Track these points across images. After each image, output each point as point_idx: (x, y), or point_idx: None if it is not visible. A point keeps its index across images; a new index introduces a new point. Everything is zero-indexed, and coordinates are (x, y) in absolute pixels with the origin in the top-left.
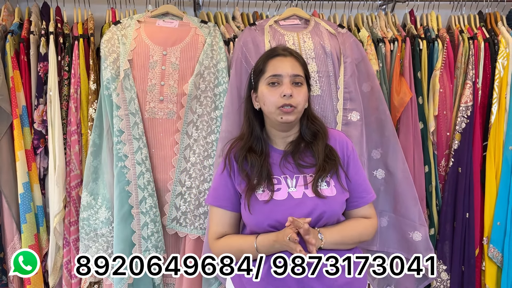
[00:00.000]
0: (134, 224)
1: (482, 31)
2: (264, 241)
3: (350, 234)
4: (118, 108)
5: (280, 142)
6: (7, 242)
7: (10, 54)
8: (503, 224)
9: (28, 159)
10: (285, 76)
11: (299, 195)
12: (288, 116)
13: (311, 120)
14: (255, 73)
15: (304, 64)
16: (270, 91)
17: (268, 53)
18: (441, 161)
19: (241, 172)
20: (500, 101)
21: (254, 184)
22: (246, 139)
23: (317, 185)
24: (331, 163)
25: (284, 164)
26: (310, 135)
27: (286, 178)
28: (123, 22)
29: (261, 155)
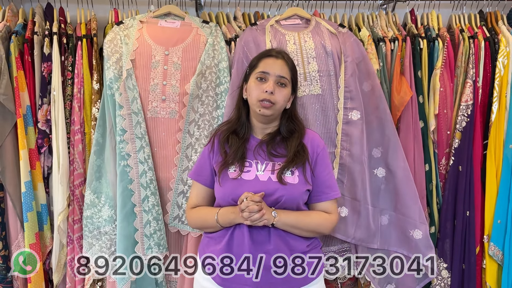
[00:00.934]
0: (136, 222)
1: (482, 30)
2: (224, 213)
3: (305, 221)
4: (121, 107)
5: (259, 132)
6: (11, 240)
7: (14, 55)
8: (503, 222)
9: (32, 158)
10: (271, 74)
11: (265, 178)
12: (265, 110)
13: (291, 119)
14: (250, 66)
15: (293, 69)
16: (256, 85)
17: (264, 52)
18: (441, 160)
19: (221, 149)
20: (500, 100)
21: (228, 161)
22: (233, 123)
23: (282, 172)
24: (300, 158)
25: (257, 151)
26: (287, 131)
27: (257, 163)
28: (125, 22)
29: (241, 138)
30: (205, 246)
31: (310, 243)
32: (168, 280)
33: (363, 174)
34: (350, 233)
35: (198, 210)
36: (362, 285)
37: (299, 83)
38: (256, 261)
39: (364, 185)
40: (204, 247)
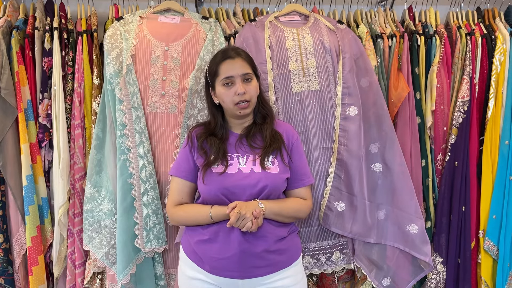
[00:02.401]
0: (136, 216)
1: (479, 27)
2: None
3: (287, 208)
4: (121, 102)
5: (237, 127)
6: (12, 233)
7: (15, 50)
8: (498, 217)
9: (33, 152)
10: (236, 76)
11: (247, 170)
12: (245, 110)
13: (262, 105)
14: (210, 74)
15: (251, 62)
16: (226, 91)
17: (219, 57)
18: (438, 155)
19: (200, 149)
20: (496, 97)
21: (211, 161)
22: (212, 127)
23: (263, 161)
24: (276, 143)
25: (238, 145)
26: (261, 118)
27: (238, 156)
28: (125, 18)
29: (220, 138)
30: (189, 238)
31: (289, 229)
32: (167, 273)
33: (360, 169)
34: (347, 227)
35: (186, 208)
36: (358, 278)
37: (298, 79)
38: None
39: (361, 180)
40: (188, 239)
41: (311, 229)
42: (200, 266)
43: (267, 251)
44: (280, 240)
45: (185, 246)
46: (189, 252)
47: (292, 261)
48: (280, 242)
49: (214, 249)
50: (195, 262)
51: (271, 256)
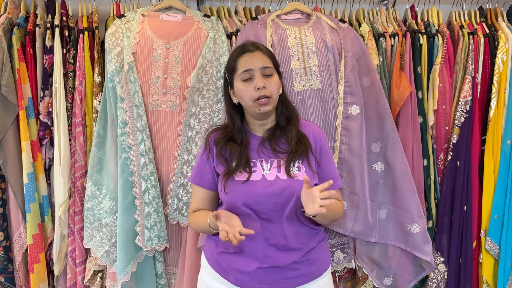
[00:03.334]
0: (137, 214)
1: (482, 27)
2: (213, 222)
3: (334, 209)
4: (122, 100)
5: (259, 129)
6: (13, 231)
7: (16, 47)
8: (500, 217)
9: (34, 149)
10: (255, 70)
11: (272, 177)
12: (265, 107)
13: (285, 105)
14: (228, 71)
15: (272, 56)
16: (245, 86)
17: (238, 51)
18: (440, 155)
19: (219, 156)
20: (499, 96)
21: (233, 168)
22: (229, 131)
23: (289, 167)
24: (302, 147)
25: (261, 149)
26: (285, 120)
27: (262, 162)
28: (127, 15)
29: (241, 144)
30: (213, 248)
31: (318, 237)
32: (168, 271)
33: (362, 168)
34: (348, 226)
35: (196, 215)
36: (359, 278)
37: (300, 78)
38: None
39: (362, 180)
40: (211, 248)
41: None
42: (224, 277)
43: (295, 262)
44: (310, 251)
45: (207, 254)
46: (212, 261)
47: (321, 271)
48: (310, 252)
49: (240, 261)
50: (218, 273)
51: (300, 268)
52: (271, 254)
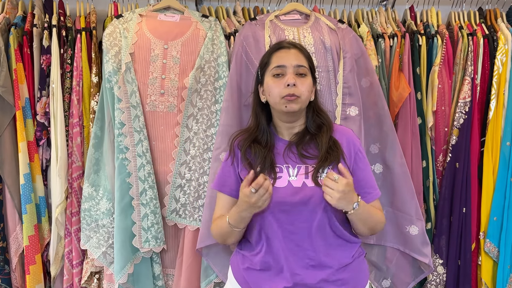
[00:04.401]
0: (134, 215)
1: (481, 28)
2: (232, 215)
3: (375, 215)
4: (120, 101)
5: (286, 133)
6: (9, 232)
7: (13, 47)
8: (499, 219)
9: (30, 150)
10: (288, 66)
11: (299, 184)
12: (292, 104)
13: (316, 112)
14: (261, 66)
15: (309, 57)
16: (274, 82)
17: (273, 47)
18: (439, 156)
19: (244, 160)
20: (498, 98)
21: (256, 173)
22: (252, 132)
23: (317, 174)
24: (334, 155)
25: (287, 154)
26: (315, 127)
27: (288, 167)
28: (125, 16)
29: (265, 146)
30: (239, 263)
31: (355, 252)
32: (165, 273)
33: None
34: None
35: (217, 220)
36: None
37: None
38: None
39: None
40: (238, 263)
41: None
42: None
43: (326, 281)
44: (343, 268)
45: (234, 269)
46: (238, 277)
47: None
48: (343, 270)
49: (266, 279)
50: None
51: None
52: (298, 271)
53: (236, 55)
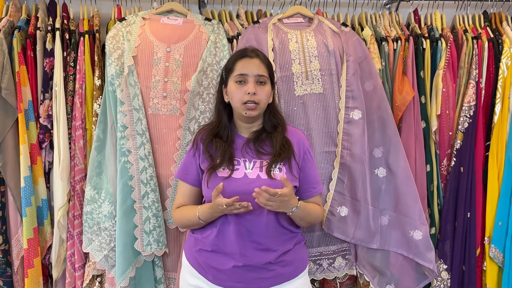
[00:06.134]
0: (136, 219)
1: (486, 31)
2: (204, 213)
3: (313, 213)
4: (122, 103)
5: (245, 131)
6: (11, 235)
7: (17, 50)
8: (504, 224)
9: (33, 153)
10: (250, 75)
11: (254, 176)
12: (251, 111)
13: (273, 114)
14: (225, 70)
15: (269, 65)
16: (237, 88)
17: (238, 54)
18: (443, 161)
19: (205, 152)
20: (503, 101)
21: (216, 164)
22: (214, 127)
23: (270, 169)
24: (286, 152)
25: (245, 149)
26: (271, 126)
27: (245, 161)
28: (128, 19)
29: (226, 141)
30: (192, 245)
31: (295, 240)
32: (167, 277)
33: (364, 174)
34: (349, 233)
35: (181, 210)
36: (361, 285)
37: (301, 82)
38: (246, 257)
39: (364, 185)
40: (191, 246)
41: (313, 234)
42: (202, 275)
43: (270, 263)
44: (286, 253)
45: (187, 252)
46: (191, 259)
47: (297, 273)
48: (285, 254)
49: (217, 259)
50: (197, 270)
51: (275, 268)
52: (246, 253)
53: None
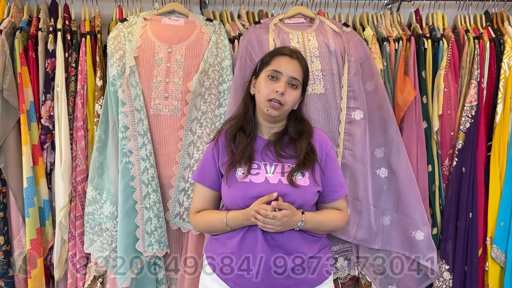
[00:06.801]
0: (138, 219)
1: (488, 31)
2: (233, 217)
3: (328, 221)
4: (124, 104)
5: (265, 131)
6: (13, 235)
7: (18, 51)
8: (506, 224)
9: (35, 154)
10: (284, 75)
11: (275, 180)
12: (273, 110)
13: (298, 121)
14: (261, 62)
15: (306, 71)
16: (266, 82)
17: (278, 50)
18: (444, 161)
19: (227, 147)
20: (505, 101)
21: (235, 160)
22: (239, 119)
23: (292, 175)
24: (310, 161)
25: (265, 152)
26: (295, 133)
27: (266, 165)
28: (129, 19)
29: (248, 136)
30: (214, 250)
31: (320, 244)
32: (168, 277)
33: (365, 174)
34: (351, 233)
35: (204, 215)
36: (363, 285)
37: None
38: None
39: (366, 185)
40: (212, 248)
41: None
42: (223, 280)
43: (294, 269)
44: (310, 258)
45: (208, 256)
46: (212, 264)
47: (322, 280)
48: (310, 260)
49: (238, 265)
50: (218, 276)
51: (298, 275)
52: (269, 259)
53: (240, 59)
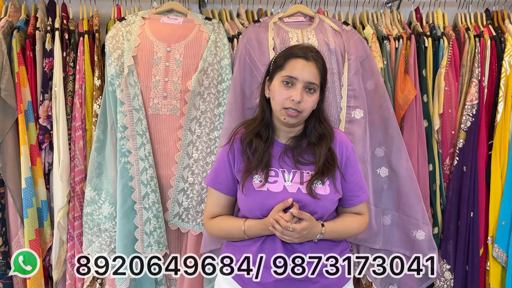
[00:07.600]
0: (137, 220)
1: (488, 29)
2: (252, 226)
3: (349, 229)
4: (122, 104)
5: (283, 136)
6: (12, 236)
7: (16, 50)
8: (508, 223)
9: (33, 154)
10: (300, 81)
11: (294, 189)
12: (291, 119)
13: (319, 122)
14: (274, 64)
15: (324, 72)
16: (281, 89)
17: (292, 51)
18: (445, 160)
19: (243, 153)
20: (506, 100)
21: (252, 168)
22: (257, 123)
23: (312, 184)
24: (330, 168)
25: (283, 158)
26: (316, 137)
27: (284, 172)
28: (128, 18)
29: (265, 142)
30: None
31: (341, 247)
32: (168, 278)
33: (366, 173)
34: None
35: (220, 222)
36: (363, 285)
37: None
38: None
39: (366, 185)
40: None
41: None
42: (241, 286)
43: (314, 274)
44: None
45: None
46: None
47: (342, 283)
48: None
49: (257, 271)
50: (236, 281)
51: (319, 280)
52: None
53: (240, 58)
